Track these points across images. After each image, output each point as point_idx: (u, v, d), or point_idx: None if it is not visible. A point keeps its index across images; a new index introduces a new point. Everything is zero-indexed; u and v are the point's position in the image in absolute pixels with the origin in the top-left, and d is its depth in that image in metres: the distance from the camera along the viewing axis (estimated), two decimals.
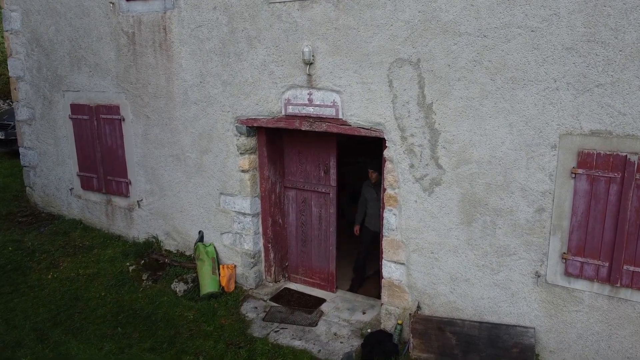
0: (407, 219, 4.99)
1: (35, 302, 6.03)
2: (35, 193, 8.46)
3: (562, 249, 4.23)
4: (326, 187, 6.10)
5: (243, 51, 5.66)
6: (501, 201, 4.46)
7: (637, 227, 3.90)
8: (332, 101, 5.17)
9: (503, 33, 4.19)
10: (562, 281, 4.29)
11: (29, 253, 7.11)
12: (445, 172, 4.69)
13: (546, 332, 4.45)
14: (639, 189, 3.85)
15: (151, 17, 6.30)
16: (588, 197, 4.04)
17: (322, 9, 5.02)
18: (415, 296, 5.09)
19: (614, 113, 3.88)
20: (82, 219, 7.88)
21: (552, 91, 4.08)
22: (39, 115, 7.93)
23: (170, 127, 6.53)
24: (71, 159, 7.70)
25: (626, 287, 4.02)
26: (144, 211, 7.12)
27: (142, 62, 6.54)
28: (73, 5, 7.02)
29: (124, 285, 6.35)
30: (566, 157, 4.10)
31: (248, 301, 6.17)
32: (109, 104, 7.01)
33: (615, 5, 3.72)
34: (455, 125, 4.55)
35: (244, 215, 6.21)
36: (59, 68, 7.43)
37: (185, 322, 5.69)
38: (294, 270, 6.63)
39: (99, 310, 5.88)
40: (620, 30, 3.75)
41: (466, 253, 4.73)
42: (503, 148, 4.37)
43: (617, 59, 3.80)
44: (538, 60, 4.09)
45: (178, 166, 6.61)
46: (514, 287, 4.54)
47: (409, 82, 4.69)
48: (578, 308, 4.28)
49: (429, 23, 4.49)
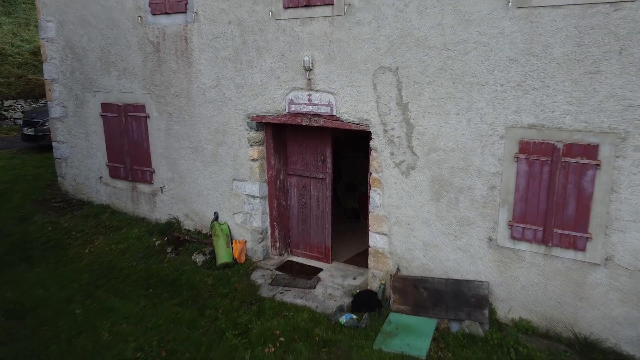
0: (388, 198, 6.10)
1: (77, 270, 7.13)
2: (66, 182, 9.56)
3: (509, 218, 5.35)
4: (323, 174, 7.21)
5: (253, 59, 6.77)
6: (462, 181, 5.57)
7: (563, 199, 5.02)
8: (328, 101, 6.28)
9: (462, 47, 5.30)
10: (509, 244, 5.41)
11: (65, 232, 8.22)
12: (418, 158, 5.80)
13: (497, 285, 5.57)
14: (564, 169, 4.96)
15: (174, 29, 7.40)
16: (527, 176, 5.16)
17: (320, 25, 6.13)
18: (395, 261, 6.21)
19: (545, 110, 4.99)
20: (110, 204, 8.98)
21: (500, 93, 5.19)
22: (71, 113, 9.03)
23: (190, 123, 7.63)
24: (100, 152, 8.80)
25: (556, 246, 5.14)
26: (166, 196, 8.23)
27: (165, 67, 7.65)
28: (104, 17, 8.11)
29: (151, 257, 7.46)
30: (511, 145, 5.21)
31: (257, 270, 7.28)
32: (136, 103, 8.11)
33: (545, 27, 4.83)
34: (426, 120, 5.67)
35: (253, 198, 7.33)
36: (91, 72, 8.53)
37: (205, 285, 6.80)
38: (296, 245, 7.74)
39: (132, 277, 6.99)
40: (549, 47, 4.87)
41: (435, 224, 5.84)
42: (463, 138, 5.49)
43: (547, 69, 4.92)
44: (489, 69, 5.20)
45: (196, 156, 7.72)
46: (472, 250, 5.66)
47: (389, 85, 5.81)
48: (521, 265, 5.40)
49: (405, 38, 5.60)
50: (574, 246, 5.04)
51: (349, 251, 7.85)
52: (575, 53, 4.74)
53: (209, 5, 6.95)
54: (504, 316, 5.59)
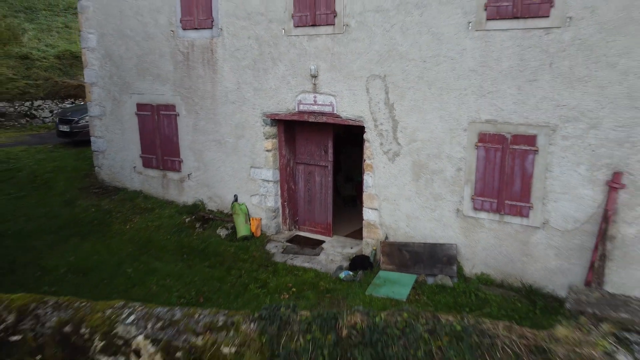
0: (378, 179, 7.59)
1: (122, 242, 8.62)
2: (102, 171, 11.05)
3: (471, 193, 6.84)
4: (325, 162, 8.70)
5: (269, 67, 8.26)
6: (436, 165, 7.07)
7: (511, 177, 6.51)
8: (330, 102, 7.77)
9: (435, 60, 6.79)
10: (472, 213, 6.90)
11: (107, 213, 9.71)
12: (402, 147, 7.29)
13: (464, 246, 7.06)
14: (511, 154, 6.45)
15: (201, 41, 8.89)
16: (484, 160, 6.65)
17: (323, 41, 7.62)
18: (384, 230, 7.70)
19: (497, 109, 6.49)
20: (142, 189, 10.46)
21: (464, 96, 6.68)
22: (108, 112, 10.51)
23: (214, 120, 9.11)
24: (134, 145, 10.29)
25: (507, 214, 6.63)
26: (192, 182, 9.72)
27: (193, 74, 9.13)
28: (140, 31, 9.60)
29: (182, 232, 8.94)
30: (472, 136, 6.70)
31: (270, 242, 8.77)
32: (167, 103, 9.59)
33: (496, 45, 6.33)
34: (407, 117, 7.16)
35: (267, 182, 8.81)
36: (127, 77, 10.01)
37: (229, 253, 8.28)
38: (302, 222, 9.23)
39: (168, 247, 8.47)
40: (499, 60, 6.36)
41: (415, 199, 7.33)
42: (436, 131, 6.98)
43: (498, 77, 6.41)
44: (455, 77, 6.69)
45: (219, 148, 9.20)
46: (444, 219, 7.15)
47: (379, 89, 7.30)
48: (481, 230, 6.89)
49: (391, 52, 7.09)
50: (520, 214, 6.54)
51: (346, 228, 9.33)
52: (518, 65, 6.24)
53: (232, 23, 8.44)
54: (469, 271, 7.09)
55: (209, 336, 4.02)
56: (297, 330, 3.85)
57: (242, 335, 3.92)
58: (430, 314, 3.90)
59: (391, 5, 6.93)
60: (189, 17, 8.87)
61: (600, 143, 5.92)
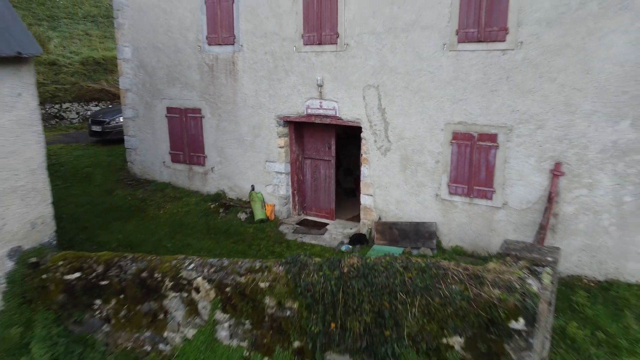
0: (373, 170, 9.24)
1: (158, 224, 10.26)
2: (135, 166, 12.70)
3: (447, 180, 8.48)
4: (329, 157, 10.34)
5: (282, 78, 9.90)
6: (419, 158, 8.71)
7: (478, 168, 8.15)
8: (333, 107, 9.41)
9: (418, 73, 8.44)
10: (448, 197, 8.54)
11: (142, 201, 11.35)
12: (392, 144, 8.93)
13: (442, 224, 8.70)
14: (478, 149, 8.09)
15: (224, 55, 10.53)
16: (457, 154, 8.29)
17: (328, 57, 9.26)
18: (378, 212, 9.34)
19: (467, 113, 8.13)
20: (170, 181, 12.11)
21: (441, 102, 8.33)
22: (141, 114, 12.16)
23: (234, 121, 10.75)
24: (164, 143, 11.93)
25: (476, 197, 8.27)
26: (215, 174, 11.36)
27: (217, 82, 10.78)
28: (170, 45, 11.25)
29: (208, 216, 10.58)
30: (447, 135, 8.34)
31: (282, 225, 10.41)
32: (194, 107, 11.24)
33: (465, 62, 7.97)
34: (396, 119, 8.80)
35: (280, 174, 10.45)
36: (159, 84, 11.66)
37: (248, 233, 9.91)
38: (309, 208, 10.88)
39: (197, 228, 10.11)
40: (468, 74, 8.00)
41: (403, 187, 8.98)
42: (419, 131, 8.62)
43: (467, 88, 8.05)
44: (434, 87, 8.34)
45: (238, 145, 10.84)
46: (426, 202, 8.79)
47: (373, 97, 8.94)
48: (456, 211, 8.53)
49: (383, 67, 8.73)
50: (485, 197, 8.18)
51: (347, 214, 10.97)
52: (482, 79, 7.88)
53: (251, 41, 10.09)
54: (446, 244, 8.73)
55: (249, 276, 5.70)
56: (312, 269, 5.53)
57: (273, 274, 5.61)
58: (404, 257, 5.58)
59: (383, 29, 8.58)
60: (214, 35, 10.51)
61: (545, 140, 7.57)
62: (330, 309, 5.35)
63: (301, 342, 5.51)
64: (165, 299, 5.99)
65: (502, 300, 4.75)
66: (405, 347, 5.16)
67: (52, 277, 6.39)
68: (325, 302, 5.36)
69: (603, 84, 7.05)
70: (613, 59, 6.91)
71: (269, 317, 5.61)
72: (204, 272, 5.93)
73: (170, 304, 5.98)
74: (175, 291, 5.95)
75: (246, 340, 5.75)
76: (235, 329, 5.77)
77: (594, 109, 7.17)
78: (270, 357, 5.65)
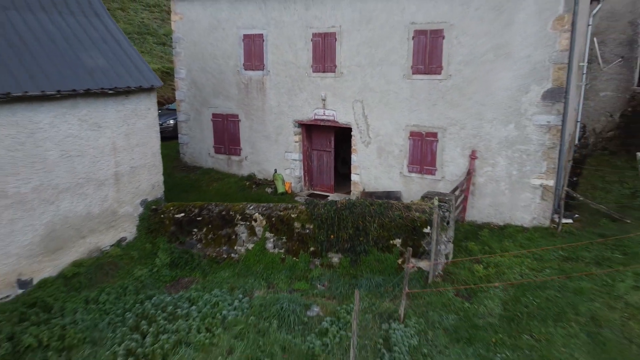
0: (359, 157, 13.68)
1: (210, 195, 14.66)
2: (186, 157, 17.14)
3: (407, 163, 12.91)
4: (330, 149, 14.78)
5: (297, 93, 14.34)
6: (389, 148, 13.16)
7: (426, 154, 12.57)
8: (332, 114, 13.85)
9: (387, 92, 12.87)
10: (408, 174, 12.98)
11: (195, 181, 15.79)
12: (371, 139, 13.37)
13: (404, 192, 13.14)
14: (425, 142, 12.51)
15: (256, 77, 14.97)
16: (413, 146, 12.73)
17: (330, 80, 13.70)
18: (363, 185, 13.79)
19: (419, 119, 12.56)
20: (214, 167, 16.54)
21: (402, 112, 12.76)
22: (192, 118, 16.59)
23: (263, 124, 15.18)
24: (209, 139, 16.35)
25: (425, 173, 12.71)
26: (247, 162, 15.80)
27: (250, 96, 15.21)
28: (215, 68, 15.68)
29: (244, 190, 15.01)
30: (407, 133, 12.78)
31: (297, 196, 14.83)
32: (232, 113, 15.67)
33: (417, 85, 12.44)
34: (374, 122, 13.24)
35: (295, 161, 14.89)
36: (206, 96, 16.10)
37: (273, 201, 14.30)
38: (316, 185, 15.34)
39: (238, 198, 14.50)
40: (419, 93, 12.43)
41: (379, 167, 13.42)
42: (389, 130, 13.06)
43: (418, 102, 12.49)
44: (398, 102, 12.77)
45: (266, 140, 15.27)
46: (394, 178, 13.23)
47: (359, 108, 13.38)
48: (413, 183, 12.97)
49: (365, 87, 13.17)
50: (431, 173, 12.62)
51: (342, 190, 15.39)
52: (428, 97, 12.32)
53: (275, 67, 14.52)
54: None
55: (285, 211, 10.14)
56: (321, 207, 9.96)
57: (299, 210, 10.05)
58: (371, 200, 10.07)
59: (365, 62, 13.01)
60: (249, 62, 14.95)
61: (466, 136, 12.00)
62: (330, 227, 9.80)
63: (314, 247, 9.96)
64: (236, 227, 10.44)
65: (419, 218, 9.22)
66: (370, 246, 9.61)
67: (167, 216, 10.85)
68: (327, 223, 9.81)
69: (498, 101, 11.50)
70: (502, 87, 11.36)
71: (296, 234, 10.06)
72: (259, 210, 10.38)
73: (239, 229, 10.43)
74: (242, 221, 10.39)
75: (283, 248, 10.20)
76: (277, 242, 10.22)
77: (494, 116, 11.62)
78: (297, 257, 10.10)
